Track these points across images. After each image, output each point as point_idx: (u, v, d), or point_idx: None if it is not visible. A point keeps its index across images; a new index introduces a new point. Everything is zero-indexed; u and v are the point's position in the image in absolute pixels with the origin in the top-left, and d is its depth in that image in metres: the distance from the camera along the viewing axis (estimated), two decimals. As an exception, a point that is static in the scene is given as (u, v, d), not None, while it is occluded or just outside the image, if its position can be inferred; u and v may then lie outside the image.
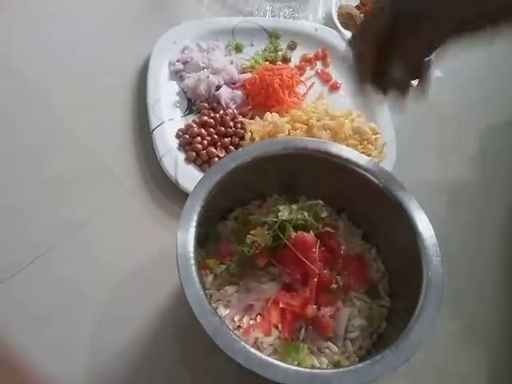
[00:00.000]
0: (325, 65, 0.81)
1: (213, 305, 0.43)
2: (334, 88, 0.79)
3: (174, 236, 0.45)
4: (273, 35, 0.82)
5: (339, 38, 0.84)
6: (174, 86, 0.73)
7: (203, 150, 0.65)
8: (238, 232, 0.52)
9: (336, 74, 0.80)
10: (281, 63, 0.79)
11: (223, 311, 0.47)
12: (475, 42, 0.43)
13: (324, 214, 0.52)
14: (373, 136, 0.69)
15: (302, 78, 0.78)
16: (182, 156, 0.65)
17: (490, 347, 0.60)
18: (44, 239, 0.57)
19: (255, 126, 0.67)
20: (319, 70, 0.80)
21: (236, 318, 0.47)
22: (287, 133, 0.67)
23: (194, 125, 0.67)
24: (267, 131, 0.66)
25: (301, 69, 0.79)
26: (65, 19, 0.78)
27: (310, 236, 0.49)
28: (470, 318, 0.61)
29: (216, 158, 0.65)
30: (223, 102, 0.71)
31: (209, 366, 0.51)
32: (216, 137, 0.67)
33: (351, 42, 0.50)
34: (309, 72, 0.80)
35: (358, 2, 0.93)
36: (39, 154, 0.63)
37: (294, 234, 0.48)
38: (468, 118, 0.82)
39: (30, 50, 0.73)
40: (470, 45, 0.44)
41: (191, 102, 0.72)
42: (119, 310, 0.54)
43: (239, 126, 0.68)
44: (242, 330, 0.46)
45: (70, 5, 0.80)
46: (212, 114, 0.69)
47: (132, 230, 0.60)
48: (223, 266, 0.50)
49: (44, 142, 0.64)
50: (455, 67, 0.81)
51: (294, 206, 0.50)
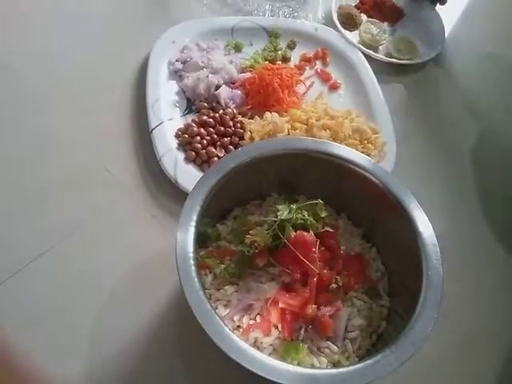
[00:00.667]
0: (324, 64, 0.81)
1: (212, 305, 0.43)
2: (333, 87, 0.79)
3: (174, 236, 0.45)
4: (272, 35, 0.82)
5: (339, 38, 0.84)
6: (174, 86, 0.72)
7: (203, 149, 0.65)
8: (238, 232, 0.52)
9: (335, 73, 0.80)
10: (280, 63, 0.79)
11: (223, 311, 0.47)
12: None
13: (324, 214, 0.52)
14: (373, 135, 0.69)
15: (302, 78, 0.78)
16: (181, 156, 0.65)
17: (490, 347, 0.60)
18: (43, 239, 0.57)
19: (255, 126, 0.67)
20: (319, 70, 0.80)
21: (235, 318, 0.47)
22: (287, 132, 0.66)
23: (194, 124, 0.67)
24: (267, 131, 0.66)
25: (300, 68, 0.79)
26: (64, 18, 0.78)
27: (309, 236, 0.49)
28: (469, 317, 0.61)
29: (215, 158, 0.65)
30: (223, 102, 0.71)
31: (208, 365, 0.51)
32: (215, 136, 0.67)
33: None
34: (308, 71, 0.80)
35: (358, 2, 0.93)
36: (38, 153, 0.63)
37: (293, 234, 0.48)
38: (468, 117, 0.82)
39: (29, 49, 0.73)
40: None
41: (191, 102, 0.72)
42: (118, 309, 0.54)
43: (239, 125, 0.68)
44: (241, 330, 0.46)
45: (69, 3, 0.80)
46: (211, 114, 0.69)
47: (131, 230, 0.60)
48: (223, 266, 0.50)
49: (42, 142, 0.64)
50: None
51: (294, 206, 0.50)
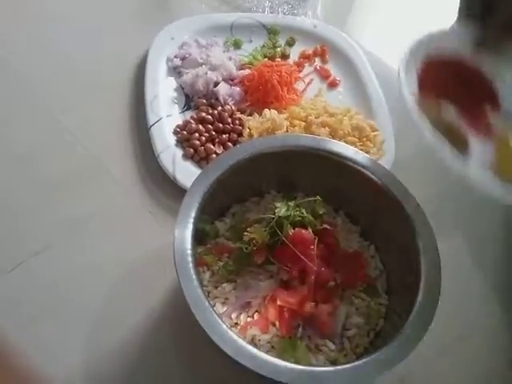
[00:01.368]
0: (324, 61, 0.81)
1: (210, 302, 0.43)
2: (332, 85, 0.78)
3: (172, 233, 0.45)
4: (271, 31, 0.82)
5: (338, 35, 0.83)
6: (172, 82, 0.72)
7: (201, 146, 0.65)
8: (236, 229, 0.52)
9: (335, 70, 0.80)
10: (279, 60, 0.78)
11: (220, 308, 0.47)
12: None
13: (322, 211, 0.51)
14: (371, 133, 0.69)
15: (301, 75, 0.78)
16: (179, 152, 0.64)
17: (489, 347, 0.59)
18: (41, 237, 0.56)
19: (253, 123, 0.67)
20: (318, 67, 0.80)
21: (233, 315, 0.47)
22: (285, 129, 0.66)
23: (192, 121, 0.67)
24: (265, 128, 0.66)
25: (299, 65, 0.79)
26: (62, 16, 0.77)
27: (307, 233, 0.48)
28: (467, 316, 0.61)
29: (214, 155, 0.65)
30: (221, 99, 0.71)
31: (206, 363, 0.51)
32: (214, 133, 0.66)
33: None
34: (307, 68, 0.80)
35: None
36: (36, 151, 0.63)
37: (291, 231, 0.48)
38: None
39: (27, 46, 0.73)
40: None
41: (189, 98, 0.71)
42: (116, 307, 0.54)
43: (237, 122, 0.68)
44: (239, 328, 0.46)
45: (67, 1, 0.79)
46: (210, 111, 0.69)
47: (129, 227, 0.60)
48: (221, 263, 0.50)
49: (41, 139, 0.64)
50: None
51: (292, 203, 0.50)
